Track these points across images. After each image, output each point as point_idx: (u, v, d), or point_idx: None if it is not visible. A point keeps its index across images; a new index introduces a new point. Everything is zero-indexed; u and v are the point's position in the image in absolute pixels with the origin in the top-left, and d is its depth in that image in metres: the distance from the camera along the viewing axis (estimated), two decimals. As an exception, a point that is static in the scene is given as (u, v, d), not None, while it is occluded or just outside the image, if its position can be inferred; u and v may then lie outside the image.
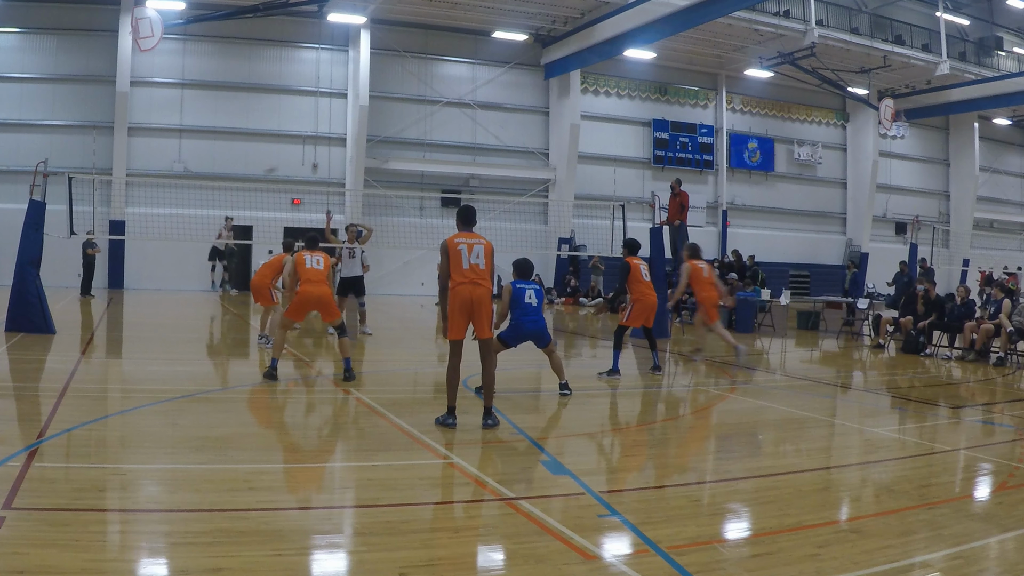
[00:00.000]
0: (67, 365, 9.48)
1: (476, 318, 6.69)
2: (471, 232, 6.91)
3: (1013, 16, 31.82)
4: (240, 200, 22.37)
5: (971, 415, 8.64)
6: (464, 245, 6.71)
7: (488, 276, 6.76)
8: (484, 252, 6.75)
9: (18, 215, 12.79)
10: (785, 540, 4.34)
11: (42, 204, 12.42)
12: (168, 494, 4.84)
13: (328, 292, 9.08)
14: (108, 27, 23.01)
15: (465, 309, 6.66)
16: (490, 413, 6.81)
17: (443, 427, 6.71)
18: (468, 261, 6.66)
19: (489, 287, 6.77)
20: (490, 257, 6.81)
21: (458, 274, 6.66)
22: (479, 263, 6.70)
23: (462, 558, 4.01)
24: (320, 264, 9.05)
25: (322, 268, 9.05)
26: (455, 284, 6.66)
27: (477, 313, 6.68)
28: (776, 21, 25.51)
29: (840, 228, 33.89)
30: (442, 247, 6.76)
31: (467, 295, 6.64)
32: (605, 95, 29.42)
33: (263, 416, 7.59)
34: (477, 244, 6.75)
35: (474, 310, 6.67)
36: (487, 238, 6.97)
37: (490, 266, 6.80)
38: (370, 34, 25.20)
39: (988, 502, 5.42)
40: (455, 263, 6.68)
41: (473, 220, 6.99)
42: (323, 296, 8.94)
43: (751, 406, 8.86)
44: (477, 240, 6.79)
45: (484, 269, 6.72)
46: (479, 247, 6.74)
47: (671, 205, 16.66)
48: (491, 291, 6.82)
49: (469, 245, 6.72)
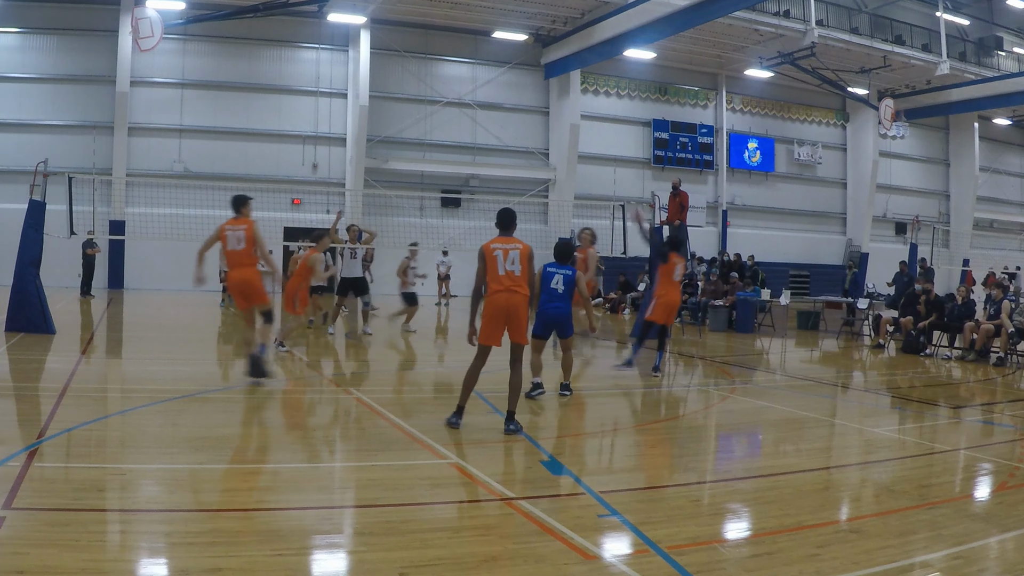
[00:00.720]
0: (67, 365, 9.48)
1: (512, 326, 6.61)
2: (509, 236, 6.81)
3: (1013, 16, 31.82)
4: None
5: (971, 415, 8.64)
6: (500, 251, 6.63)
7: (525, 282, 6.67)
8: (520, 257, 6.64)
9: (18, 215, 12.78)
10: (785, 540, 4.34)
11: (42, 204, 12.42)
12: (168, 494, 4.84)
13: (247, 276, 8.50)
14: (108, 27, 23.02)
15: (500, 317, 6.58)
16: (512, 418, 6.68)
17: (448, 427, 6.68)
18: (504, 267, 6.58)
19: (526, 293, 6.68)
20: (527, 261, 6.69)
21: (494, 281, 6.59)
22: (515, 269, 6.59)
23: (462, 558, 4.01)
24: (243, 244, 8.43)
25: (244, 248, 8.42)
26: (492, 291, 6.59)
27: (514, 321, 6.60)
28: (776, 21, 25.51)
29: (840, 228, 33.89)
30: (480, 252, 6.69)
31: (503, 303, 6.56)
32: (605, 95, 29.42)
33: (263, 416, 7.58)
34: (513, 249, 6.65)
35: (510, 318, 6.58)
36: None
37: (528, 270, 6.69)
38: (370, 34, 25.21)
39: (988, 502, 5.42)
40: (491, 269, 6.60)
41: (512, 224, 6.88)
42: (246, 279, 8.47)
43: (751, 406, 8.86)
44: (514, 245, 6.69)
45: (520, 275, 6.62)
46: (515, 252, 6.64)
47: (671, 205, 16.66)
48: (528, 297, 6.72)
49: (505, 251, 6.63)
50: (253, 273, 8.60)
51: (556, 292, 7.94)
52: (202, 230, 18.07)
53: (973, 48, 31.26)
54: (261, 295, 8.58)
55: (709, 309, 17.79)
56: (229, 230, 8.47)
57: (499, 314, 6.55)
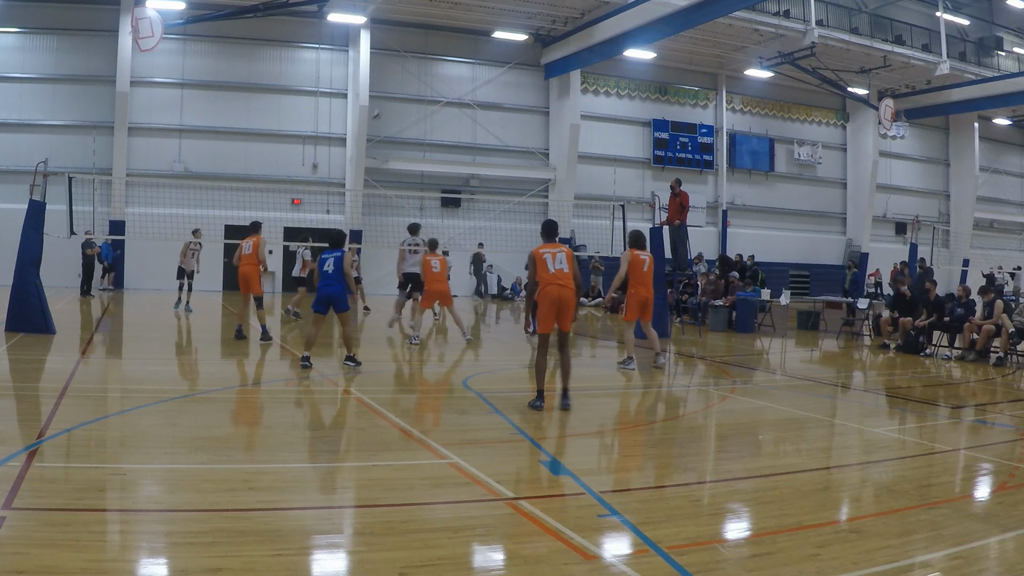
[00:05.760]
0: (67, 365, 9.48)
1: (562, 315, 7.61)
2: (554, 243, 7.92)
3: (1013, 16, 31.82)
4: (240, 200, 22.35)
5: (971, 415, 8.64)
6: (548, 254, 7.71)
7: (571, 278, 7.65)
8: (566, 258, 7.70)
9: (18, 215, 12.78)
10: (785, 540, 4.34)
11: (42, 204, 12.42)
12: (168, 494, 4.84)
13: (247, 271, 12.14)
14: (108, 27, 23.03)
15: (553, 307, 7.56)
16: (567, 395, 7.66)
17: (533, 409, 7.46)
18: (553, 266, 7.63)
19: (573, 288, 7.65)
20: (571, 261, 7.73)
21: (546, 276, 7.61)
22: (563, 267, 7.64)
23: (462, 558, 4.01)
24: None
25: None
26: (544, 285, 7.59)
27: (563, 310, 7.60)
28: (776, 21, 25.51)
29: (840, 228, 33.90)
30: (530, 257, 7.77)
31: (556, 294, 7.55)
32: (605, 95, 29.43)
33: (263, 416, 7.58)
34: (559, 252, 7.74)
35: (561, 307, 7.57)
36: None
37: (573, 268, 7.70)
38: (370, 34, 25.22)
39: (988, 502, 5.42)
40: (542, 269, 7.65)
41: (555, 232, 8.06)
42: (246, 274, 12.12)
43: (751, 406, 8.86)
44: (559, 249, 7.79)
45: (567, 272, 7.65)
46: (561, 254, 7.72)
47: (671, 205, 16.64)
48: (575, 291, 7.68)
49: (553, 254, 7.71)
50: (254, 269, 12.04)
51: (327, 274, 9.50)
52: (202, 230, 18.20)
53: (973, 48, 31.26)
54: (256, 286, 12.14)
55: (709, 309, 17.79)
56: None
57: (552, 304, 7.55)
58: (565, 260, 7.69)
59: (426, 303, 13.32)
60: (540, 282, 7.63)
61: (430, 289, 12.96)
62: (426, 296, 13.17)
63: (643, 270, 10.54)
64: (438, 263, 13.05)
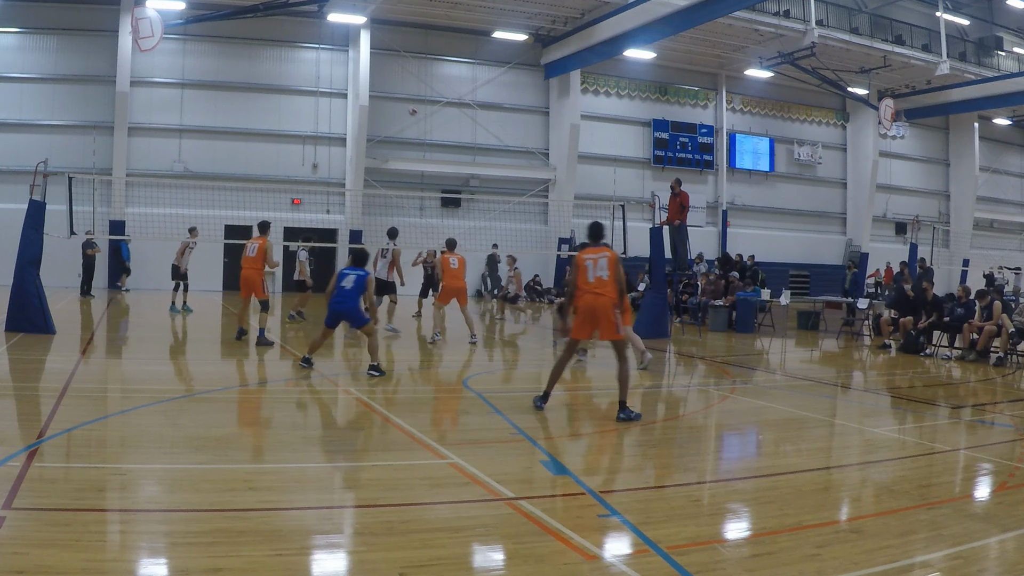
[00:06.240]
0: (67, 365, 9.48)
1: (601, 325, 7.44)
2: (598, 246, 7.66)
3: (1013, 16, 31.82)
4: (240, 200, 22.35)
5: (971, 415, 8.63)
6: (590, 260, 7.48)
7: (611, 285, 7.43)
8: (608, 264, 7.44)
9: (18, 215, 12.78)
10: (785, 540, 4.34)
11: (42, 204, 12.42)
12: (168, 494, 4.84)
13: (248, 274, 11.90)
14: (108, 27, 23.02)
15: (587, 317, 7.42)
16: (624, 407, 7.36)
17: (535, 408, 7.49)
18: (593, 275, 7.43)
19: (611, 296, 7.42)
20: (614, 266, 7.47)
21: (583, 286, 7.46)
22: (603, 275, 7.42)
23: (462, 558, 4.01)
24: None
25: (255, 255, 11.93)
26: (580, 294, 7.47)
27: (600, 320, 7.41)
28: (776, 21, 25.51)
29: (840, 228, 33.89)
30: (573, 261, 7.69)
31: (590, 304, 7.40)
32: (605, 95, 29.43)
33: (263, 416, 7.58)
34: (602, 258, 7.47)
35: (597, 318, 7.41)
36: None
37: (615, 273, 7.46)
38: (370, 34, 25.22)
39: (988, 502, 5.42)
40: (582, 276, 7.48)
41: (600, 235, 7.79)
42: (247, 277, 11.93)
43: (751, 406, 8.86)
44: (602, 254, 7.51)
45: (607, 280, 7.43)
46: (603, 260, 7.46)
47: (671, 205, 16.64)
48: (613, 300, 7.44)
49: (594, 260, 7.47)
50: (256, 273, 11.84)
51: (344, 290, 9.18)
52: (202, 230, 18.20)
53: (973, 48, 31.26)
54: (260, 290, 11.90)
55: (709, 309, 17.79)
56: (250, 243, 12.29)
57: (587, 315, 7.42)
58: (606, 267, 7.44)
59: (443, 299, 13.39)
60: (577, 290, 7.51)
61: (448, 286, 13.13)
62: (443, 293, 13.32)
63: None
64: (456, 261, 13.22)
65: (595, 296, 7.40)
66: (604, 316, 7.40)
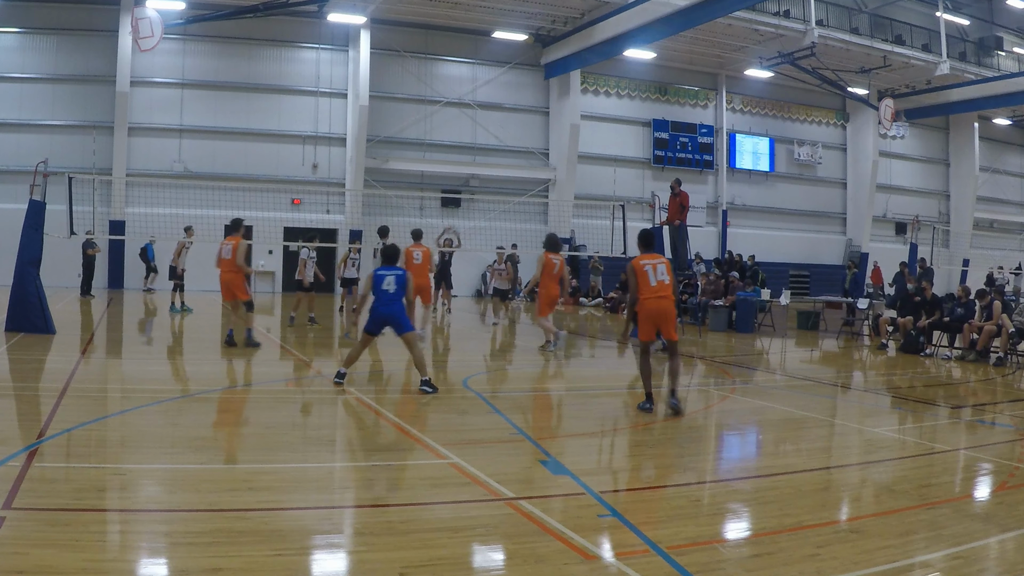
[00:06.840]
0: (67, 365, 9.48)
1: (664, 325, 7.80)
2: (652, 253, 7.99)
3: (1013, 16, 31.81)
4: (240, 200, 22.34)
5: (971, 415, 8.63)
6: (650, 266, 7.77)
7: (672, 289, 7.82)
8: (667, 269, 7.82)
9: (18, 215, 12.78)
10: (785, 540, 4.34)
11: (42, 204, 12.42)
12: (168, 494, 4.84)
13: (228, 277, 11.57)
14: (108, 27, 23.02)
15: (652, 319, 7.73)
16: (674, 395, 7.77)
17: (643, 411, 7.67)
18: (655, 279, 7.72)
19: (673, 299, 7.84)
20: (671, 271, 7.88)
21: (647, 290, 7.72)
22: (664, 279, 7.76)
23: (462, 558, 4.01)
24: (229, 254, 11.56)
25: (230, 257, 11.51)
26: (644, 298, 7.73)
27: (666, 321, 7.79)
28: (776, 21, 25.50)
29: (840, 228, 33.89)
30: (629, 269, 7.84)
31: (655, 307, 7.71)
32: (605, 95, 29.42)
33: (263, 416, 7.58)
34: (660, 263, 7.84)
35: (661, 319, 7.75)
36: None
37: (671, 277, 7.87)
38: (370, 34, 25.21)
39: (988, 502, 5.42)
40: (643, 282, 7.74)
41: (653, 243, 8.17)
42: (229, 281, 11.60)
43: (751, 406, 8.86)
44: (659, 260, 7.89)
45: (669, 284, 7.79)
46: (662, 266, 7.82)
47: (671, 205, 16.65)
48: (675, 302, 7.88)
49: (653, 265, 7.78)
50: (235, 275, 11.58)
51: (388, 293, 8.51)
52: (202, 230, 18.21)
53: (973, 48, 31.26)
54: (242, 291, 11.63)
55: (709, 309, 17.79)
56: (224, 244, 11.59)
57: (651, 316, 7.72)
58: (666, 271, 7.80)
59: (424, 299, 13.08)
60: (640, 296, 7.73)
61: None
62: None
63: (554, 272, 12.26)
64: (420, 254, 12.76)
65: (659, 299, 7.71)
66: (669, 318, 7.80)
